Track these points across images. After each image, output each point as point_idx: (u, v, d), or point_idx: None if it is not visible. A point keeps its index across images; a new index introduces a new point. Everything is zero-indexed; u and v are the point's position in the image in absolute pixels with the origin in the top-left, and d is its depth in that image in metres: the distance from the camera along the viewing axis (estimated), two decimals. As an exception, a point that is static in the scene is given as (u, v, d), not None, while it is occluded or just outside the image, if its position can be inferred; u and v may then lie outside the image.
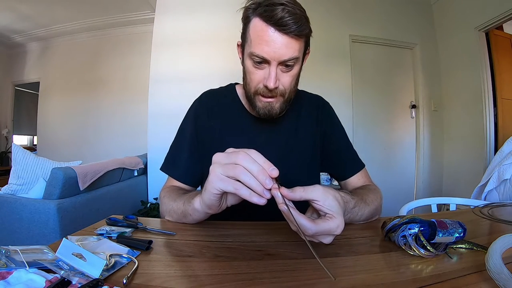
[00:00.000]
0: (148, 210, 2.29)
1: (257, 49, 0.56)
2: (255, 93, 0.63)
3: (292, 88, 0.63)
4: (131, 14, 3.30)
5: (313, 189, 0.41)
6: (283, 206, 0.39)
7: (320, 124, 0.76)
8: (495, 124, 2.37)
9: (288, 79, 0.60)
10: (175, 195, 0.63)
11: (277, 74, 0.58)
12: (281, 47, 0.54)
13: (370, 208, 0.58)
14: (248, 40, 0.59)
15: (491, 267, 0.33)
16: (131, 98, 3.39)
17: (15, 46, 4.09)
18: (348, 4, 2.70)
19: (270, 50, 0.55)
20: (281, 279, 0.36)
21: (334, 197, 0.42)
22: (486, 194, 1.57)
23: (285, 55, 0.56)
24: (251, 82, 0.62)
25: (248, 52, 0.59)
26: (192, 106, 0.77)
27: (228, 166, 0.41)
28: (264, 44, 0.55)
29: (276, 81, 0.58)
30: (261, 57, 0.56)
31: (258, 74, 0.60)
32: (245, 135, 0.71)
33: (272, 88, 0.59)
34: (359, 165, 0.76)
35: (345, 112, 2.58)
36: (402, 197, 2.50)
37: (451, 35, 2.70)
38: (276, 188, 0.40)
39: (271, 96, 0.61)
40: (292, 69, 0.60)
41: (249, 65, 0.61)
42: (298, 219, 0.38)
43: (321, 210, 0.41)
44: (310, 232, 0.38)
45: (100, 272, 0.35)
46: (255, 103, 0.64)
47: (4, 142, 4.36)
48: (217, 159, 0.44)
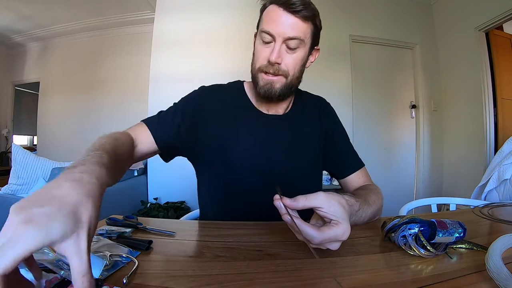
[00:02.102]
0: (148, 210, 2.28)
1: (266, 26, 0.62)
2: (258, 70, 0.65)
3: (295, 73, 0.66)
4: (131, 14, 3.29)
5: (315, 196, 0.41)
6: (287, 216, 0.39)
7: (323, 124, 0.77)
8: (495, 124, 2.37)
9: (291, 60, 0.63)
10: (108, 138, 0.50)
11: (281, 51, 0.62)
12: (287, 24, 0.60)
13: (372, 209, 0.58)
14: (260, 24, 0.65)
15: (491, 267, 0.33)
16: (131, 98, 3.39)
17: (15, 46, 4.08)
18: (349, 4, 2.70)
19: (276, 26, 0.60)
20: (281, 279, 0.36)
21: (338, 202, 0.41)
22: (486, 194, 1.57)
23: (289, 33, 0.60)
24: (257, 60, 0.65)
25: (259, 31, 0.64)
26: (195, 93, 0.75)
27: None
28: (271, 21, 0.61)
29: (278, 56, 0.61)
30: (267, 31, 0.61)
31: (264, 51, 0.63)
32: (251, 130, 0.71)
33: (274, 62, 0.61)
34: (358, 164, 0.77)
35: (345, 112, 2.58)
36: (402, 197, 2.50)
37: (451, 35, 2.70)
38: (278, 198, 0.40)
39: (273, 73, 0.63)
40: (296, 52, 0.63)
41: (258, 43, 0.65)
42: (303, 228, 0.38)
43: (326, 217, 0.41)
44: (317, 240, 0.38)
45: (101, 272, 0.35)
46: (258, 81, 0.66)
47: (4, 142, 4.36)
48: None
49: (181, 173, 1.90)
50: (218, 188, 0.71)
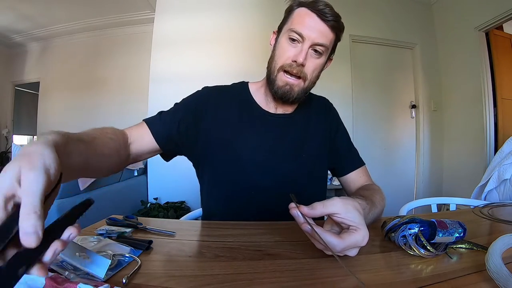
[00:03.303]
0: (148, 210, 2.28)
1: (297, 27, 0.62)
2: (280, 69, 0.65)
3: (312, 78, 0.67)
4: (131, 14, 3.29)
5: (332, 202, 0.40)
6: (306, 226, 0.38)
7: (328, 123, 0.78)
8: (495, 124, 2.37)
9: (313, 65, 0.65)
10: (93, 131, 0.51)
11: (308, 54, 0.63)
12: (318, 31, 0.62)
13: (378, 210, 0.58)
14: (289, 22, 0.65)
15: (491, 267, 0.33)
16: (131, 98, 3.39)
17: (15, 46, 4.08)
18: (348, 4, 2.69)
19: (308, 30, 0.62)
20: (281, 279, 0.36)
21: (354, 207, 0.41)
22: (486, 194, 1.57)
23: (319, 39, 0.62)
24: (281, 57, 0.65)
25: (287, 30, 0.65)
26: (198, 93, 0.74)
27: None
28: (304, 24, 0.62)
29: (305, 58, 0.62)
30: (299, 32, 0.62)
31: (290, 50, 0.64)
32: (258, 130, 0.71)
33: (300, 63, 0.62)
34: (359, 162, 0.78)
35: (345, 112, 2.58)
36: (402, 197, 2.49)
37: (451, 35, 2.70)
38: (295, 207, 0.39)
39: (295, 74, 0.64)
40: (319, 58, 0.65)
41: (283, 42, 0.65)
42: (325, 237, 0.37)
43: (343, 223, 0.40)
44: (338, 248, 0.38)
45: (105, 272, 0.35)
46: (276, 81, 0.66)
47: (4, 142, 4.35)
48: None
49: (181, 173, 1.89)
50: (224, 188, 0.70)
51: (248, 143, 0.69)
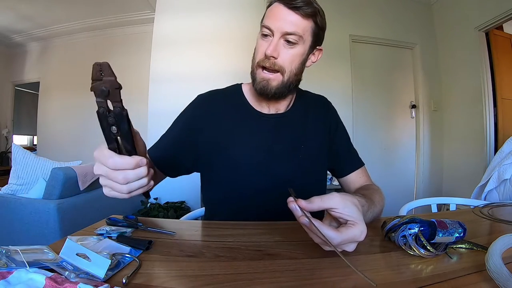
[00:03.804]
0: (148, 210, 2.28)
1: (266, 20, 0.63)
2: (257, 66, 0.65)
3: (292, 70, 0.65)
4: (131, 14, 3.30)
5: (330, 197, 0.40)
6: (304, 219, 0.38)
7: (327, 122, 0.77)
8: (495, 124, 2.37)
9: (288, 56, 0.63)
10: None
11: (278, 45, 0.62)
12: (286, 20, 0.60)
13: (377, 210, 0.58)
14: (263, 20, 0.65)
15: (491, 267, 0.33)
16: (131, 98, 3.35)
17: (15, 46, 4.08)
18: (348, 4, 2.70)
19: (275, 21, 0.61)
20: (281, 279, 0.36)
21: (352, 203, 0.41)
22: (486, 194, 1.57)
23: (287, 28, 0.60)
24: (256, 54, 0.66)
25: (260, 26, 0.65)
26: (192, 104, 0.76)
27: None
28: (271, 16, 0.62)
29: (274, 50, 0.61)
30: (267, 26, 0.62)
31: (263, 45, 0.64)
32: (252, 131, 0.71)
33: (270, 55, 0.61)
34: (359, 163, 0.77)
35: (345, 112, 2.58)
36: (402, 197, 2.50)
37: (451, 35, 2.70)
38: (293, 201, 0.39)
39: (270, 68, 0.63)
40: (294, 47, 0.63)
41: (258, 38, 0.66)
42: (323, 230, 0.37)
43: (341, 218, 0.40)
44: (335, 242, 0.38)
45: (105, 272, 0.35)
46: (255, 77, 0.67)
47: (4, 142, 4.36)
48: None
49: (181, 173, 1.89)
50: (224, 192, 0.70)
51: (243, 145, 0.69)
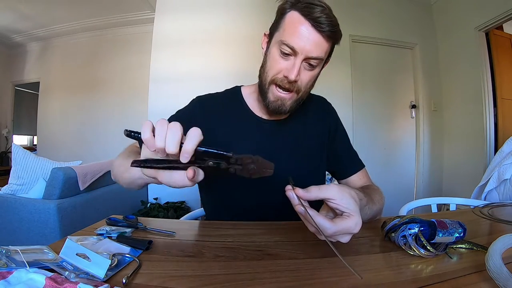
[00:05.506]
0: (148, 210, 2.28)
1: (289, 39, 0.57)
2: (271, 82, 0.62)
3: (307, 89, 0.64)
4: (131, 14, 3.29)
5: (328, 187, 0.41)
6: (300, 207, 0.39)
7: (327, 125, 0.77)
8: (495, 124, 2.37)
9: (307, 78, 0.61)
10: (129, 152, 0.61)
11: (300, 69, 0.59)
12: (312, 43, 0.56)
13: (376, 208, 0.58)
14: (280, 29, 0.60)
15: (491, 267, 0.33)
16: (131, 98, 3.38)
17: (15, 46, 4.08)
18: (348, 4, 2.70)
19: (302, 43, 0.56)
20: (281, 279, 0.36)
21: (349, 194, 0.41)
22: (486, 194, 1.56)
23: (313, 52, 0.57)
24: (271, 70, 0.61)
25: (278, 40, 0.60)
26: (190, 105, 0.75)
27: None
28: (297, 35, 0.56)
29: (297, 75, 0.58)
30: (291, 47, 0.57)
31: (281, 63, 0.60)
32: (251, 137, 0.70)
33: (292, 81, 0.59)
34: (359, 165, 0.77)
35: (345, 112, 2.58)
36: (402, 197, 2.50)
37: (451, 35, 2.70)
38: (291, 189, 0.40)
39: (288, 89, 0.61)
40: (313, 70, 0.61)
41: (274, 53, 0.61)
42: (317, 219, 0.38)
43: (338, 209, 0.41)
44: (329, 231, 0.38)
45: (105, 272, 0.35)
46: (267, 94, 0.64)
47: (4, 142, 4.36)
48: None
49: (181, 173, 1.89)
50: (222, 198, 0.70)
51: (242, 150, 0.69)
